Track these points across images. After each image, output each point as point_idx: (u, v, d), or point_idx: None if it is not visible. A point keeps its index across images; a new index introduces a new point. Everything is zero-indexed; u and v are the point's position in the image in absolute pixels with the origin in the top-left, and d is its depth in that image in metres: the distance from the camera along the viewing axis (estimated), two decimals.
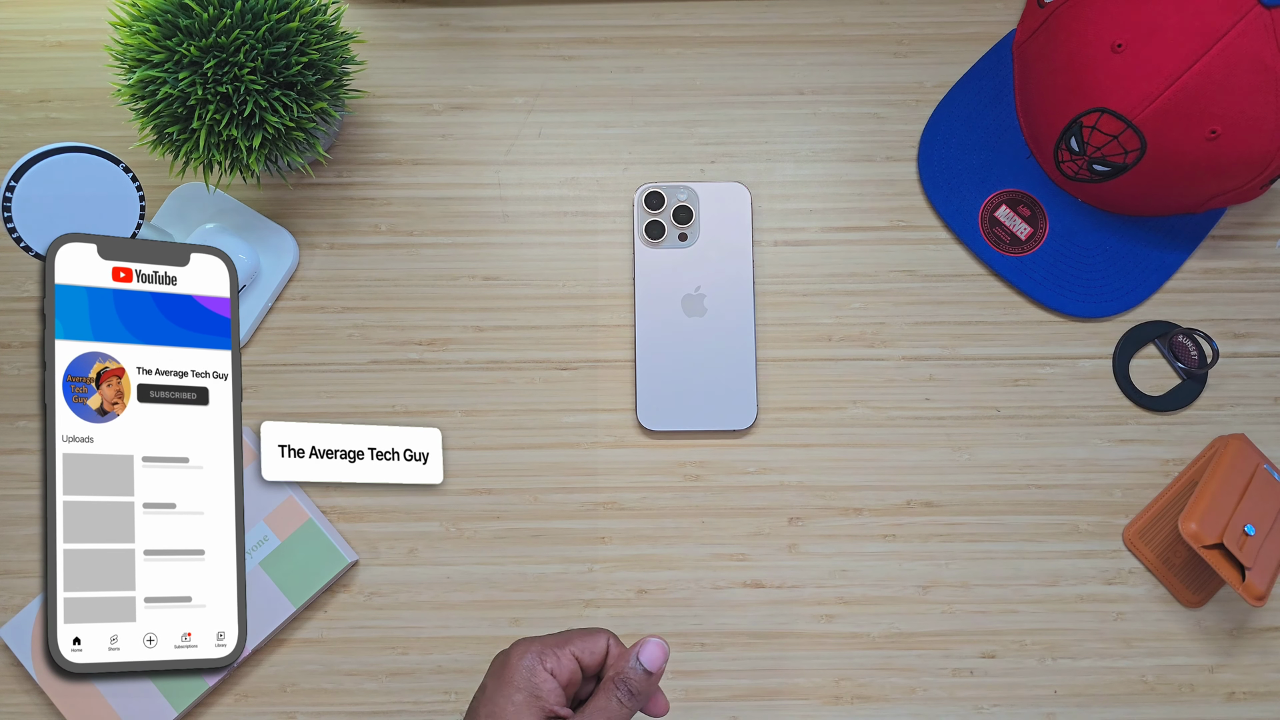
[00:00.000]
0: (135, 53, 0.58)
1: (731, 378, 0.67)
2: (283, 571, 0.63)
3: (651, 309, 0.68)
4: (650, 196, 0.69)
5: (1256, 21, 0.58)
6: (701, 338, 0.67)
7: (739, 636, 0.66)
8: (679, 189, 0.69)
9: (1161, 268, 0.70)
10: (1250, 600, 0.59)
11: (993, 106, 0.71)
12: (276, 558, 0.64)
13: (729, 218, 0.69)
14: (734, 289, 0.68)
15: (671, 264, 0.68)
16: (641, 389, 0.67)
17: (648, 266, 0.68)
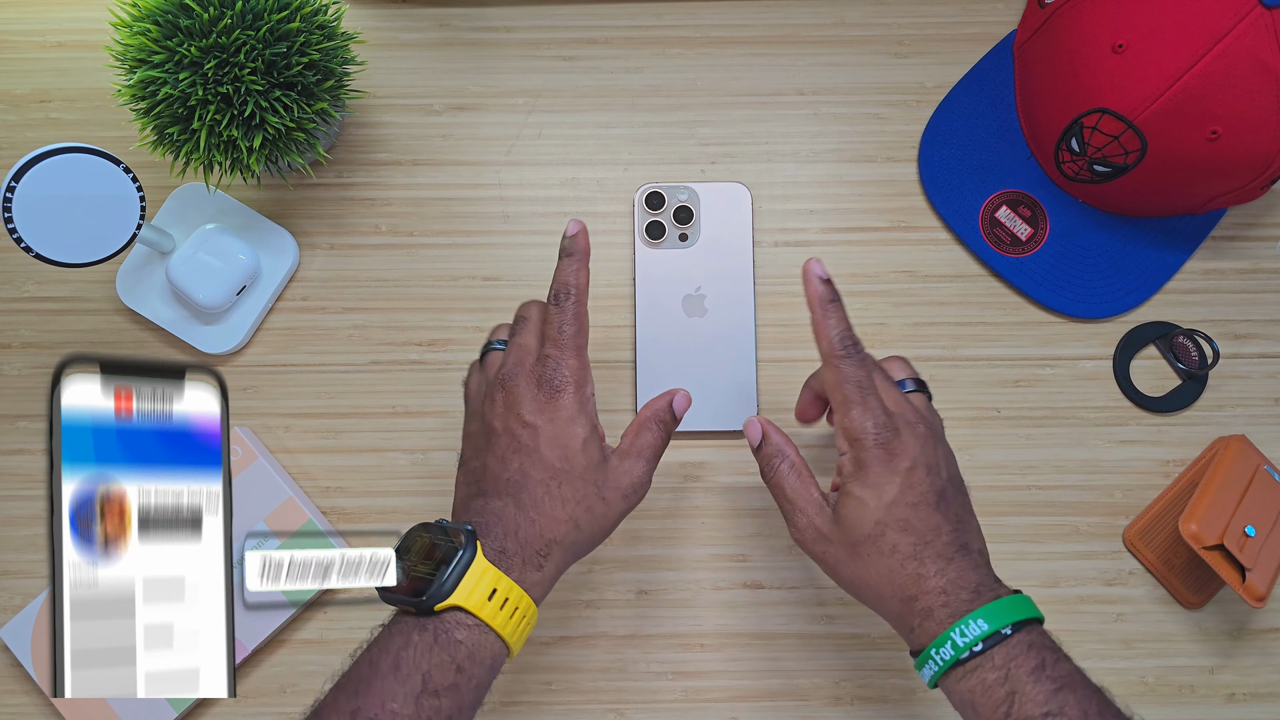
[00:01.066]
0: (136, 53, 0.58)
1: (732, 378, 0.67)
2: None
3: (652, 309, 0.68)
4: (651, 197, 0.68)
5: (1257, 22, 0.58)
6: (702, 338, 0.67)
7: (739, 637, 0.66)
8: (679, 189, 0.69)
9: (1162, 268, 0.70)
10: (1250, 601, 0.59)
11: (993, 107, 0.70)
12: None
13: (729, 217, 0.69)
14: (735, 289, 0.68)
15: (672, 264, 0.68)
16: (642, 390, 0.67)
17: (648, 267, 0.68)
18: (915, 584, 0.47)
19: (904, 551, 0.47)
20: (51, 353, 0.69)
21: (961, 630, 0.45)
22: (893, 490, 0.48)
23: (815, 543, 0.50)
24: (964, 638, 0.45)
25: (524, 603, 0.47)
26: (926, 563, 0.47)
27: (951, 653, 0.45)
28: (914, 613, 0.47)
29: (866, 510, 0.48)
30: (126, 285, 0.67)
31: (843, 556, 0.49)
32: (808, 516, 0.50)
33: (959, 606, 0.46)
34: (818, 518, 0.50)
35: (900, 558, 0.47)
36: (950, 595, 0.46)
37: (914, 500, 0.48)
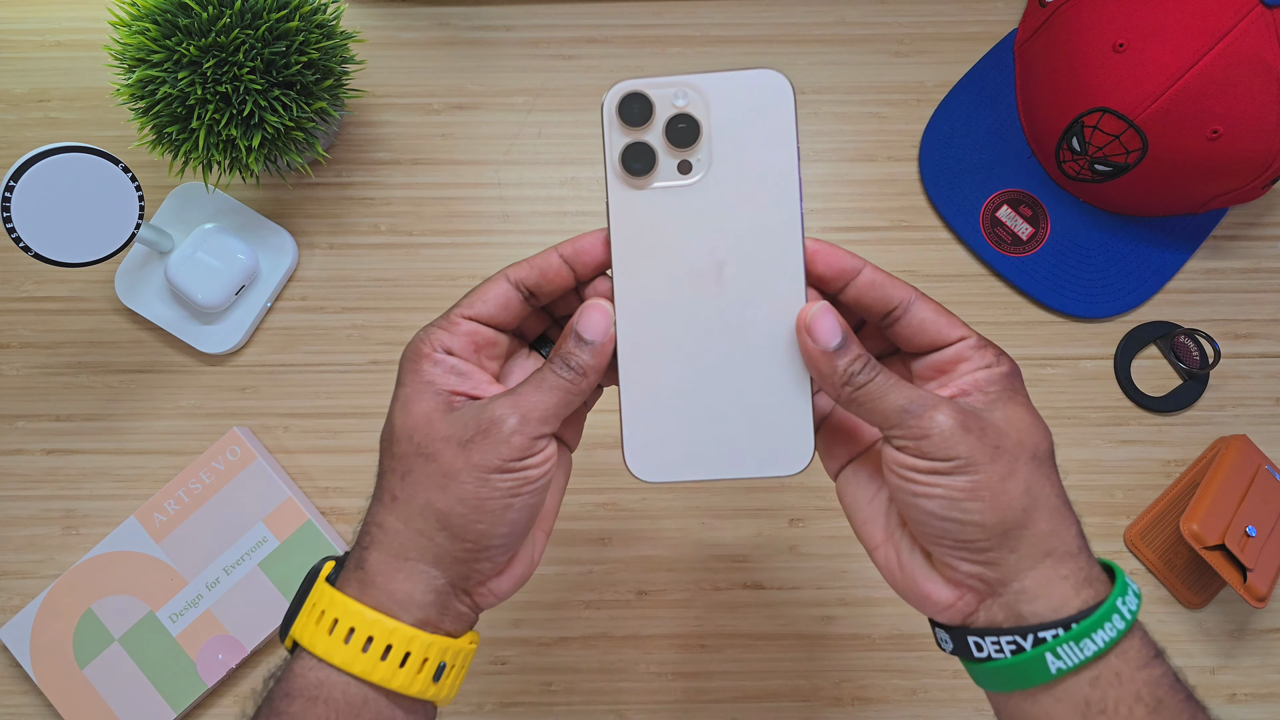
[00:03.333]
0: (134, 52, 0.58)
1: (771, 394, 0.41)
2: (282, 572, 0.63)
3: (640, 289, 0.40)
4: (628, 103, 0.40)
5: (1258, 21, 0.58)
6: (721, 331, 0.40)
7: (739, 638, 0.66)
8: (674, 88, 0.40)
9: (1163, 268, 0.69)
10: (1251, 601, 0.59)
11: (994, 106, 0.70)
12: (275, 559, 0.64)
13: (760, 130, 0.40)
14: (774, 250, 0.40)
15: (669, 213, 0.40)
16: (629, 419, 0.41)
17: (630, 219, 0.40)
18: (1071, 528, 0.38)
19: (1057, 484, 0.39)
20: (50, 353, 0.69)
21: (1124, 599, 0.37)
22: (1048, 429, 0.40)
23: (957, 436, 0.36)
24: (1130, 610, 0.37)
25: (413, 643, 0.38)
26: (1073, 512, 0.39)
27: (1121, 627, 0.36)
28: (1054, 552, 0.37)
29: (1039, 429, 0.39)
30: (125, 285, 0.67)
31: (1017, 455, 0.37)
32: (945, 409, 0.37)
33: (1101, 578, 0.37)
34: (954, 411, 0.37)
35: (1061, 500, 0.38)
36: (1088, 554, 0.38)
37: None
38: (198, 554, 0.64)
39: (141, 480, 0.67)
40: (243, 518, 0.64)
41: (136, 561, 0.64)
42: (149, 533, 0.64)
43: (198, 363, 0.69)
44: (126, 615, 0.63)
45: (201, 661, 0.63)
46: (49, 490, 0.67)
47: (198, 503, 0.64)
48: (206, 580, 0.63)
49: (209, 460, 0.64)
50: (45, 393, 0.68)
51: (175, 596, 0.63)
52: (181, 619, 0.63)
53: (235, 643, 0.63)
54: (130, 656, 0.63)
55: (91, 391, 0.68)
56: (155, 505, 0.64)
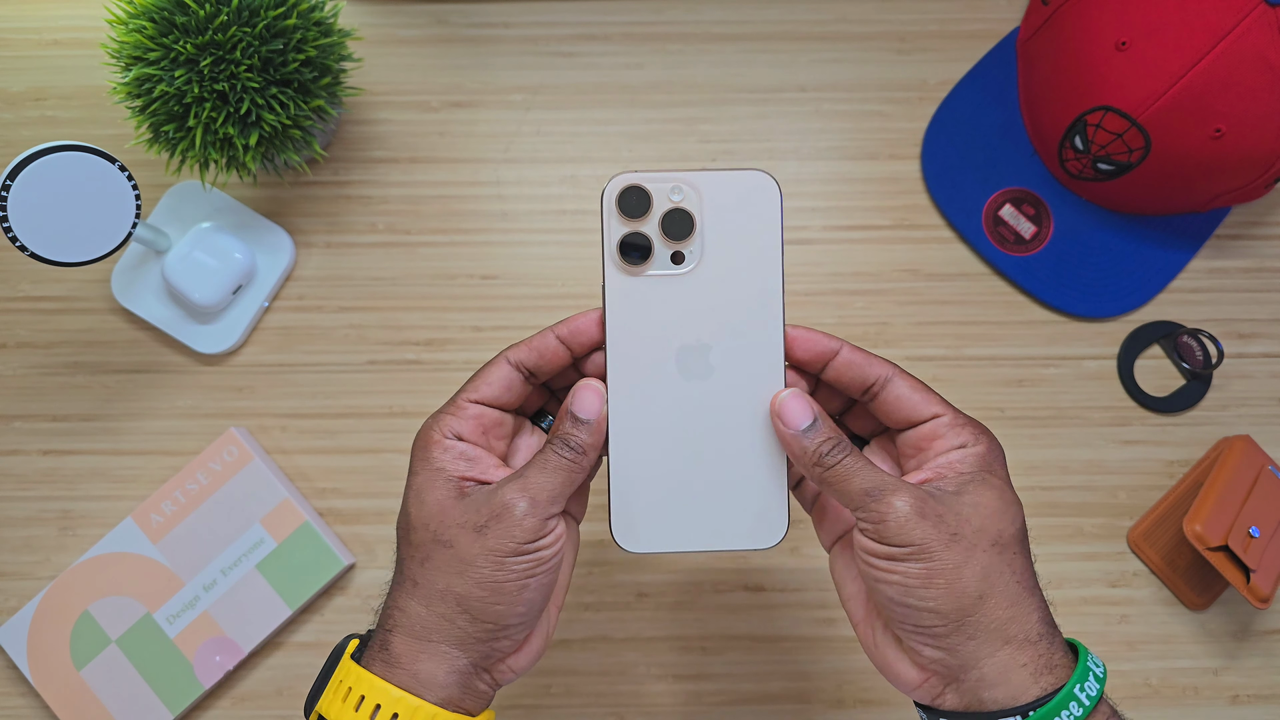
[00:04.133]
0: (131, 50, 0.58)
1: (750, 472, 0.44)
2: (279, 574, 0.63)
3: (631, 370, 0.43)
4: (627, 195, 0.43)
5: (1261, 20, 0.57)
6: (707, 412, 0.43)
7: (740, 640, 0.65)
8: (671, 183, 0.43)
9: (1166, 267, 0.69)
10: (1255, 602, 0.59)
11: (996, 104, 0.70)
12: (273, 560, 0.63)
13: (748, 225, 0.43)
14: (756, 336, 0.43)
15: (661, 301, 0.43)
16: (616, 492, 0.43)
17: (625, 305, 0.43)
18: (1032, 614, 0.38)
19: (1020, 570, 0.39)
20: (46, 353, 0.68)
21: (1083, 686, 0.37)
22: (1020, 510, 0.40)
23: (912, 523, 0.38)
24: (1088, 697, 0.37)
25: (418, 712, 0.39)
26: (1039, 597, 0.39)
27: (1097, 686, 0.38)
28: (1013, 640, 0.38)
29: (1008, 509, 0.39)
30: (122, 284, 0.67)
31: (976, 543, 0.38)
32: (907, 497, 0.38)
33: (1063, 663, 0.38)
34: (913, 496, 0.38)
35: (1023, 586, 0.39)
36: (1050, 639, 0.39)
37: None
38: (195, 555, 0.63)
39: (138, 481, 0.67)
40: (240, 518, 0.64)
41: (133, 563, 0.63)
42: (146, 534, 0.63)
43: (194, 363, 0.68)
44: (124, 616, 0.62)
45: (199, 663, 0.62)
46: (45, 491, 0.67)
47: (195, 503, 0.64)
48: (204, 581, 0.63)
49: (206, 461, 0.64)
50: (41, 393, 0.68)
51: (173, 598, 0.63)
52: (179, 620, 0.62)
53: (232, 644, 0.62)
54: (127, 658, 0.62)
55: (88, 391, 0.68)
56: (152, 506, 0.64)
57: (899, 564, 0.38)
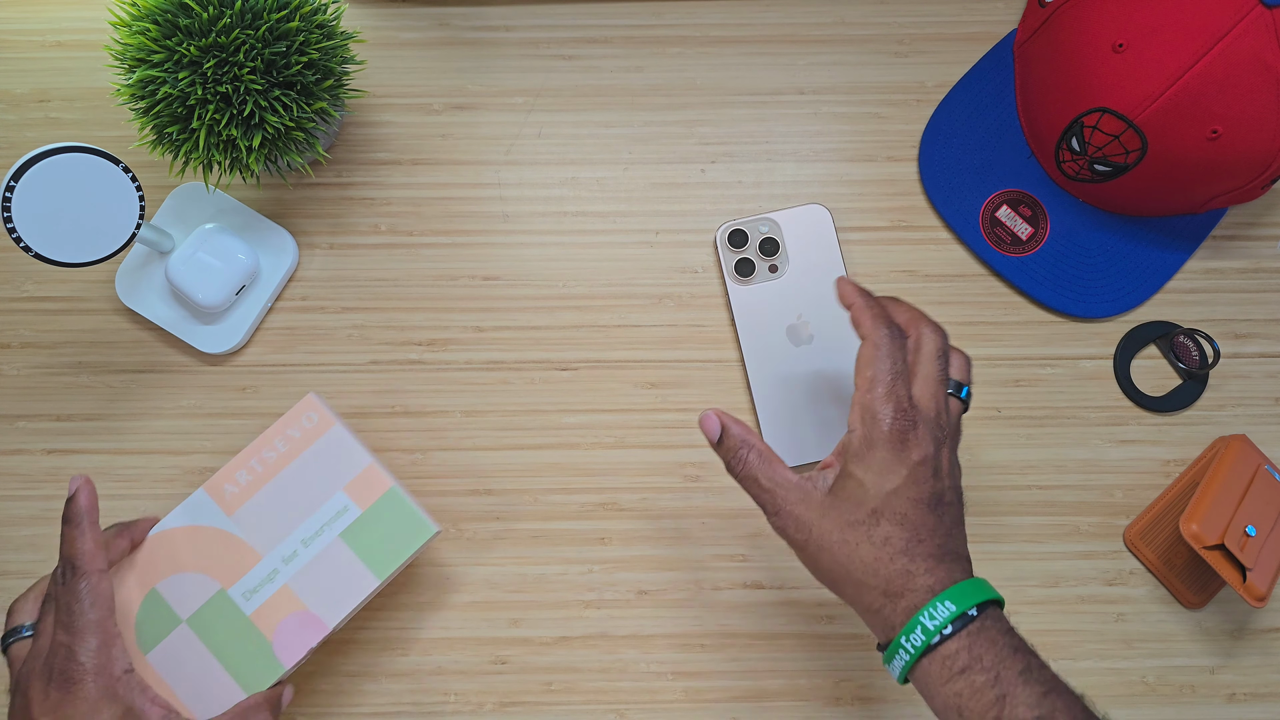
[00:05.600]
0: (135, 52, 0.58)
1: (835, 406, 0.66)
2: (365, 543, 0.57)
3: (758, 347, 0.67)
4: (733, 235, 0.68)
5: (1258, 21, 0.58)
6: (813, 364, 0.67)
7: (739, 638, 0.66)
8: (760, 222, 0.68)
9: (1163, 268, 0.69)
10: (1251, 601, 0.59)
11: (994, 106, 0.70)
12: (358, 529, 0.58)
13: (815, 240, 0.68)
14: (835, 308, 0.64)
15: (768, 298, 0.67)
16: (766, 432, 0.66)
17: (745, 305, 0.67)
18: (903, 579, 0.46)
19: (896, 545, 0.46)
20: (51, 353, 0.69)
21: (930, 613, 0.44)
22: (896, 480, 0.47)
23: (798, 528, 0.48)
24: (933, 620, 0.44)
25: None
26: (917, 560, 0.46)
27: (922, 638, 0.44)
28: (897, 610, 0.46)
29: (865, 494, 0.47)
30: (126, 285, 0.67)
31: (827, 542, 0.47)
32: (789, 502, 0.49)
33: (901, 622, 0.46)
34: (800, 503, 0.48)
35: (891, 550, 0.46)
36: (934, 593, 0.45)
37: (915, 496, 0.47)
38: (273, 526, 0.57)
39: (142, 480, 0.67)
40: (322, 486, 0.58)
41: (206, 537, 0.57)
42: (220, 506, 0.57)
43: (198, 363, 0.69)
44: (195, 594, 0.56)
45: (279, 641, 0.56)
46: (50, 490, 0.67)
47: (272, 472, 0.58)
48: (283, 554, 0.57)
49: (284, 428, 0.59)
50: (46, 393, 0.68)
51: (249, 573, 0.57)
52: (256, 596, 0.56)
53: (315, 619, 0.56)
54: (200, 639, 0.56)
55: (92, 391, 0.68)
56: (226, 476, 0.58)
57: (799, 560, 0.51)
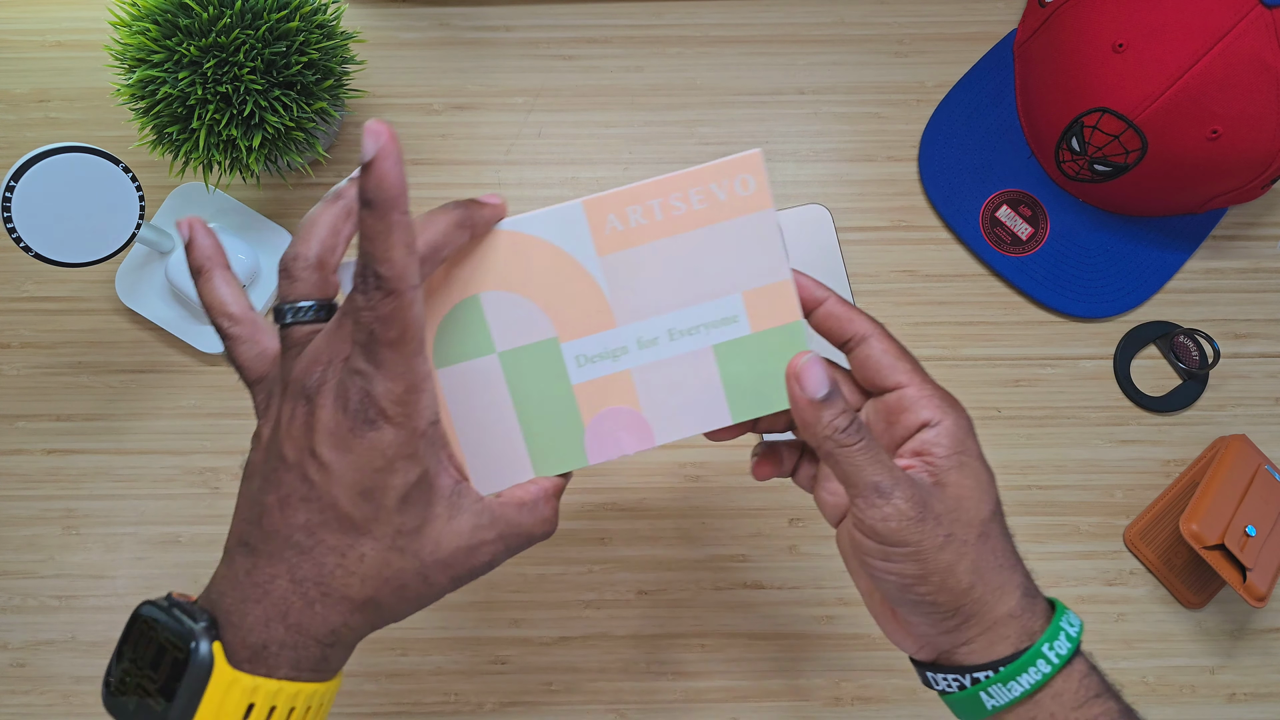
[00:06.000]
0: (135, 52, 0.58)
1: None
2: (737, 371, 0.43)
3: None
4: None
5: (1258, 21, 0.58)
6: None
7: (739, 638, 0.66)
8: None
9: (1163, 268, 0.69)
10: (1251, 601, 0.59)
11: (994, 106, 0.70)
12: (738, 350, 0.43)
13: (815, 240, 0.68)
14: None
15: None
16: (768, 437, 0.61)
17: None
18: (1030, 581, 0.41)
19: (1001, 550, 0.40)
20: (50, 353, 0.69)
21: (1069, 619, 0.40)
22: (988, 471, 0.41)
23: (911, 527, 0.38)
24: (1073, 627, 0.40)
25: (301, 698, 0.36)
26: (1019, 567, 0.41)
27: (1067, 645, 0.39)
28: (1036, 614, 0.40)
29: (987, 481, 0.41)
30: (126, 285, 0.67)
31: (966, 537, 0.39)
32: (905, 493, 0.38)
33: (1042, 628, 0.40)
34: (913, 497, 0.38)
35: (1012, 543, 0.41)
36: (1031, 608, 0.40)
37: None
38: (643, 295, 0.43)
39: (142, 480, 0.67)
40: (719, 278, 0.43)
41: (562, 267, 0.42)
42: (593, 237, 0.42)
43: (198, 363, 0.69)
44: (521, 329, 0.43)
45: (594, 430, 0.44)
46: (49, 490, 0.67)
47: (671, 229, 0.43)
48: (641, 334, 0.43)
49: (710, 179, 0.43)
50: (46, 393, 0.68)
51: (594, 336, 0.43)
52: (590, 367, 0.43)
53: (645, 427, 0.44)
54: (506, 381, 0.43)
55: (92, 391, 0.68)
56: (614, 204, 0.42)
57: (893, 564, 0.39)
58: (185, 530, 0.66)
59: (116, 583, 0.66)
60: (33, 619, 0.65)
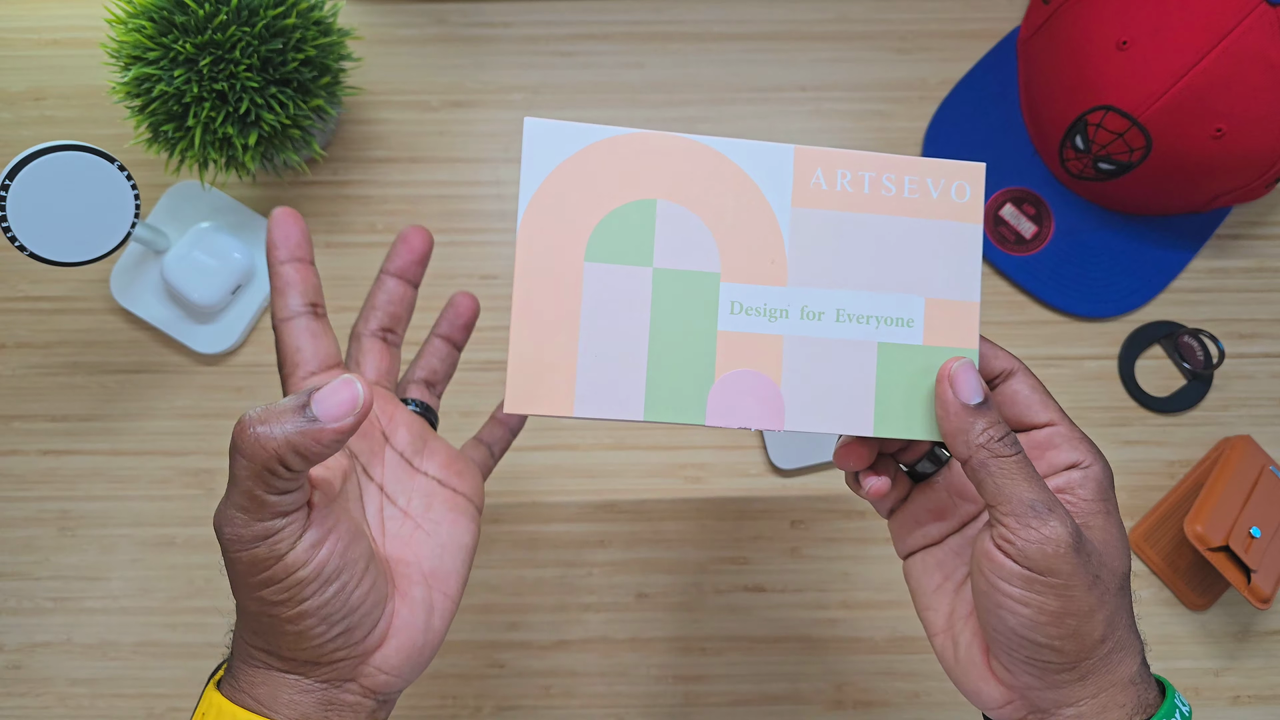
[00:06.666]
0: (131, 50, 0.57)
1: None
2: (894, 379, 0.39)
3: None
4: None
5: (1262, 19, 0.57)
6: None
7: (740, 641, 0.65)
8: None
9: (1167, 267, 0.69)
10: (1255, 603, 0.59)
11: (997, 104, 0.70)
12: (902, 357, 0.39)
13: None
14: None
15: None
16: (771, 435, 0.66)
17: None
18: (1136, 657, 0.38)
19: (1130, 612, 0.38)
20: (45, 353, 0.68)
21: (1180, 699, 0.38)
22: (1128, 545, 0.39)
23: (1067, 555, 0.35)
24: (1185, 705, 0.38)
25: None
26: (1139, 637, 0.38)
27: None
28: (1150, 683, 0.38)
29: (1125, 547, 0.38)
30: (121, 284, 0.67)
31: (1109, 584, 0.36)
32: (1064, 517, 0.35)
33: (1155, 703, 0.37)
34: (1077, 532, 0.35)
35: (1131, 628, 0.38)
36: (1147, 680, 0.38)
37: None
38: (824, 262, 0.40)
39: (137, 481, 0.67)
40: (907, 273, 0.40)
41: (753, 203, 0.39)
42: (794, 185, 0.40)
43: (193, 363, 0.68)
44: (688, 250, 0.39)
45: (720, 389, 0.39)
46: (45, 491, 0.67)
47: (874, 206, 0.40)
48: (811, 301, 0.40)
49: (931, 173, 0.40)
50: (41, 393, 0.68)
51: (760, 286, 0.39)
52: (744, 319, 0.39)
53: (778, 402, 0.39)
54: (652, 300, 0.39)
55: (87, 392, 0.68)
56: (826, 161, 0.40)
57: (1034, 594, 0.35)
58: (180, 532, 0.66)
59: (112, 584, 0.65)
60: (28, 621, 0.65)
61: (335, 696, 0.36)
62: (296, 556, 0.33)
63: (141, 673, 0.64)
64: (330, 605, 0.34)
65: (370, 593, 0.36)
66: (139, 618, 0.65)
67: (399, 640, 0.37)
